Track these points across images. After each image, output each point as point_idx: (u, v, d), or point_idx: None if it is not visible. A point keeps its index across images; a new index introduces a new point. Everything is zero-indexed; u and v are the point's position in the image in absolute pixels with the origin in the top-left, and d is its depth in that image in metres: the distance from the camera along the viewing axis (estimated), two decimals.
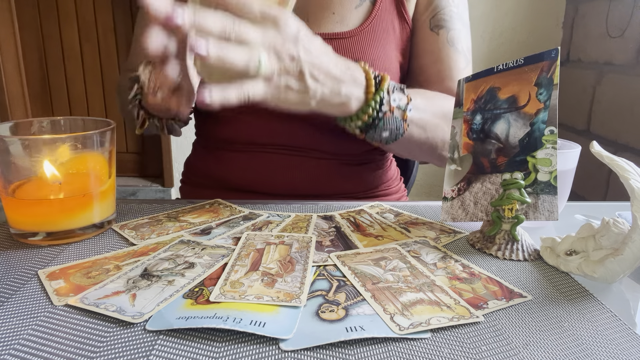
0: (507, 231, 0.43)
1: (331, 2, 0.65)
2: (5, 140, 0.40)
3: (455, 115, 0.50)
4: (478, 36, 1.94)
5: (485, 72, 0.46)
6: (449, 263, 0.40)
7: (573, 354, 0.29)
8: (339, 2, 0.65)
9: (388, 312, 0.32)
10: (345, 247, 0.43)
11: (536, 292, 0.36)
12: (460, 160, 0.49)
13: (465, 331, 0.31)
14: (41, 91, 2.46)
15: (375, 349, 0.29)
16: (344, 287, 0.35)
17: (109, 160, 0.46)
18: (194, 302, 0.33)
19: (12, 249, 0.42)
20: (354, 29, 0.64)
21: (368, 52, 0.64)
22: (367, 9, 0.66)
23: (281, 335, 0.29)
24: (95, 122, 0.47)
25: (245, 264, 0.38)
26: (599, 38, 1.65)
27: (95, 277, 0.36)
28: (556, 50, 0.41)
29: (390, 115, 0.54)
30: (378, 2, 0.65)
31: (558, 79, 0.40)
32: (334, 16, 0.64)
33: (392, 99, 0.54)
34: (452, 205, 0.48)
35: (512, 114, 0.44)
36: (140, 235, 0.45)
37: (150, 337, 0.29)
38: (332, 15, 0.64)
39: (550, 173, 0.41)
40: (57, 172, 0.43)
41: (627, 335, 0.31)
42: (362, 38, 0.64)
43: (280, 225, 0.48)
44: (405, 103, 0.55)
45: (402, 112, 0.55)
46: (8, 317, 0.31)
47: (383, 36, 0.65)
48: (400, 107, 0.55)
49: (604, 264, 0.36)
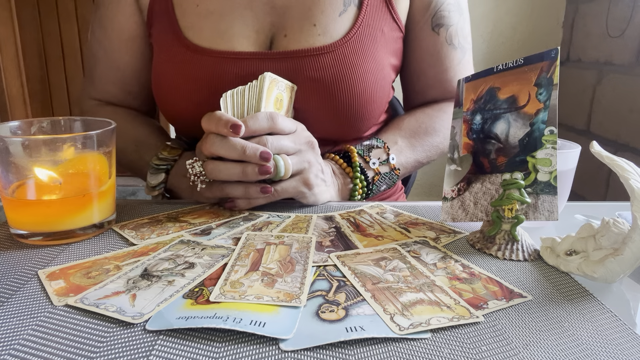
0: (507, 231, 0.43)
1: (311, 13, 0.59)
2: (5, 140, 0.40)
3: (455, 115, 0.50)
4: (478, 36, 1.94)
5: (485, 72, 0.46)
6: (449, 263, 0.40)
7: (573, 354, 0.29)
8: (320, 11, 0.59)
9: (388, 312, 0.32)
10: (345, 248, 0.43)
11: (536, 292, 0.36)
12: (460, 160, 0.49)
13: (465, 331, 0.31)
14: (41, 91, 2.46)
15: (375, 349, 0.29)
16: (344, 287, 0.35)
17: (109, 160, 0.46)
18: (194, 302, 0.33)
19: (12, 249, 0.42)
20: (338, 39, 0.59)
21: (358, 63, 0.59)
22: (353, 15, 0.60)
23: (281, 335, 0.29)
24: (95, 122, 0.47)
25: (245, 264, 0.38)
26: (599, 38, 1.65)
27: (95, 277, 0.36)
28: (556, 50, 0.41)
29: (379, 175, 0.61)
30: (364, 6, 0.60)
31: (558, 79, 0.40)
32: (315, 28, 0.58)
33: (372, 163, 0.60)
34: (452, 205, 0.48)
35: (512, 114, 0.44)
36: (140, 235, 0.45)
37: (150, 337, 0.29)
38: (313, 28, 0.58)
39: (550, 173, 0.41)
40: (54, 174, 0.43)
41: (627, 335, 0.31)
42: (349, 49, 0.59)
43: (280, 225, 0.48)
44: (385, 156, 0.62)
45: (387, 164, 0.62)
46: (8, 317, 0.31)
47: (371, 43, 0.60)
48: (383, 162, 0.62)
49: (604, 264, 0.36)
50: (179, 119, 0.64)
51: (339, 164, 0.60)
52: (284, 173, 0.49)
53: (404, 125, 0.68)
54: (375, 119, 0.65)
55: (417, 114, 0.70)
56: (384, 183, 0.62)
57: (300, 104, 0.58)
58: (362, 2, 0.60)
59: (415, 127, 0.67)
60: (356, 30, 0.59)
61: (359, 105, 0.60)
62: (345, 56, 0.58)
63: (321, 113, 0.59)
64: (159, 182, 0.60)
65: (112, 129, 0.45)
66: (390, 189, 0.74)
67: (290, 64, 0.58)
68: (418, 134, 0.67)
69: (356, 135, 0.66)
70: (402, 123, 0.68)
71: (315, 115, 0.59)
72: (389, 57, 0.64)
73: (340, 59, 0.58)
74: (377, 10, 0.61)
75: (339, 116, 0.60)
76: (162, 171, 0.60)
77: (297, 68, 0.58)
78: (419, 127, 0.67)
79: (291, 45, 0.59)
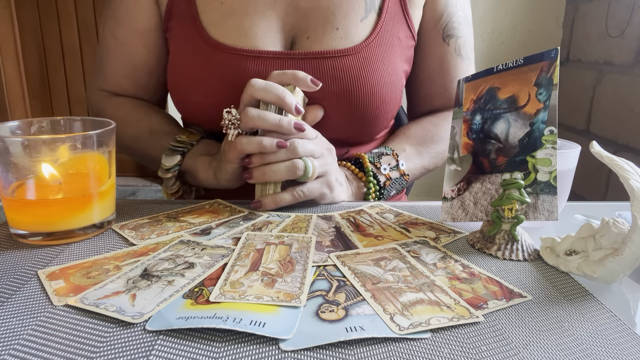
0: (507, 231, 0.43)
1: (334, 17, 0.61)
2: (5, 140, 0.40)
3: (455, 115, 0.50)
4: (478, 36, 1.94)
5: (485, 72, 0.46)
6: (449, 263, 0.40)
7: (573, 354, 0.29)
8: (343, 16, 0.61)
9: (388, 312, 0.32)
10: (345, 247, 0.43)
11: (536, 292, 0.36)
12: (460, 160, 0.49)
13: (465, 331, 0.31)
14: (41, 91, 2.46)
15: (375, 349, 0.29)
16: (343, 287, 0.35)
17: (109, 160, 0.46)
18: (193, 302, 0.33)
19: (12, 249, 0.42)
20: (359, 43, 0.61)
21: (375, 67, 0.62)
22: (373, 21, 0.63)
23: (281, 335, 0.29)
24: (95, 122, 0.47)
25: (245, 264, 0.38)
26: (599, 38, 1.65)
27: (95, 277, 0.36)
28: (556, 50, 0.41)
29: (390, 180, 0.63)
30: (384, 13, 0.63)
31: (558, 79, 0.40)
32: (338, 32, 0.61)
33: (383, 168, 0.62)
34: (452, 205, 0.48)
35: (511, 114, 0.44)
36: (140, 235, 0.45)
37: (150, 337, 0.29)
38: (335, 31, 0.61)
39: (550, 173, 0.41)
40: (56, 172, 0.43)
41: (627, 335, 0.31)
42: (369, 53, 0.62)
43: (280, 225, 0.48)
44: (394, 162, 0.64)
45: (397, 170, 0.64)
46: (8, 317, 0.31)
47: (389, 48, 0.64)
48: (393, 168, 0.64)
49: (604, 264, 0.36)
50: (193, 112, 0.65)
51: (352, 170, 0.62)
52: (312, 174, 0.51)
53: (411, 133, 0.70)
54: (387, 122, 0.68)
55: (423, 122, 0.72)
56: (394, 188, 0.64)
57: (319, 104, 0.60)
58: (382, 10, 0.63)
59: (422, 135, 0.70)
60: (375, 36, 0.62)
61: (375, 106, 0.62)
62: (365, 59, 0.61)
63: (338, 113, 0.61)
64: (174, 164, 0.60)
65: (112, 129, 0.45)
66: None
67: (312, 64, 0.60)
68: (425, 142, 0.69)
69: (368, 138, 0.68)
70: (409, 131, 0.71)
71: (332, 116, 0.61)
72: (402, 63, 0.67)
73: (360, 62, 0.61)
74: (395, 18, 0.65)
75: (354, 117, 0.62)
76: (178, 153, 0.60)
77: (319, 69, 0.60)
78: (425, 135, 0.70)
79: (314, 46, 0.61)
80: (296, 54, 0.60)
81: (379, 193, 0.62)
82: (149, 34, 0.66)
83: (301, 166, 0.50)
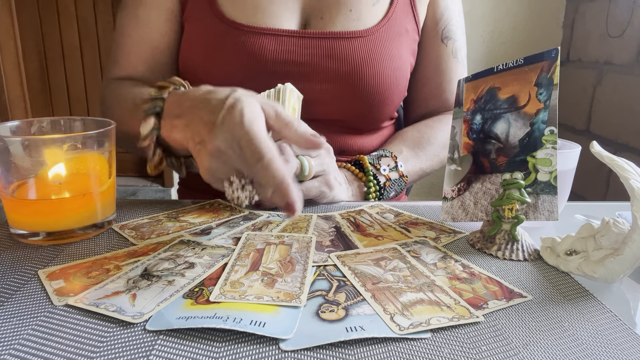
0: (507, 231, 0.43)
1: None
2: (5, 140, 0.40)
3: (455, 115, 0.50)
4: (478, 36, 1.94)
5: (485, 72, 0.46)
6: (449, 263, 0.40)
7: (573, 354, 0.29)
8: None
9: (388, 312, 0.32)
10: (345, 247, 0.43)
11: (536, 292, 0.36)
12: (460, 160, 0.49)
13: (465, 331, 0.31)
14: (41, 91, 2.46)
15: (375, 349, 0.29)
16: (344, 287, 0.35)
17: (109, 160, 0.46)
18: (194, 302, 0.33)
19: (12, 249, 0.42)
20: (371, 27, 0.64)
21: (385, 51, 0.64)
22: (385, 7, 0.66)
23: (281, 335, 0.29)
24: (95, 122, 0.47)
25: (245, 264, 0.38)
26: (599, 38, 1.65)
27: (95, 277, 0.36)
28: (556, 50, 0.41)
29: (390, 181, 0.64)
30: (394, 2, 0.66)
31: (558, 79, 0.40)
32: (351, 13, 0.64)
33: (382, 169, 0.63)
34: (452, 205, 0.48)
35: (512, 114, 0.44)
36: (140, 235, 0.45)
37: (150, 337, 0.29)
38: (349, 13, 0.64)
39: (550, 173, 0.41)
40: (63, 172, 0.43)
41: (627, 335, 0.31)
42: (380, 37, 0.64)
43: (280, 225, 0.48)
44: (393, 164, 0.65)
45: (396, 171, 0.65)
46: (8, 317, 0.31)
47: (398, 36, 0.66)
48: (392, 169, 0.64)
49: (604, 264, 0.36)
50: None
51: (351, 171, 0.63)
52: (308, 173, 0.52)
53: (407, 136, 0.71)
54: (392, 110, 0.69)
55: (419, 125, 0.73)
56: (393, 189, 0.65)
57: (330, 84, 0.62)
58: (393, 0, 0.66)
59: (418, 137, 0.71)
60: (387, 21, 0.65)
61: (381, 89, 0.64)
62: (377, 42, 0.64)
63: (346, 94, 0.63)
64: (150, 129, 0.47)
65: (112, 129, 0.45)
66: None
67: (326, 44, 0.62)
68: (421, 144, 0.70)
69: (373, 125, 0.69)
70: (406, 135, 0.72)
71: (340, 96, 0.62)
72: (408, 55, 0.69)
73: (372, 44, 0.63)
74: (404, 10, 0.67)
75: (362, 98, 0.64)
76: (151, 114, 0.48)
77: (332, 48, 0.62)
78: (421, 137, 0.71)
79: (328, 27, 0.63)
80: (310, 34, 0.62)
81: (379, 193, 0.62)
82: (170, 14, 0.66)
83: (297, 165, 0.50)
